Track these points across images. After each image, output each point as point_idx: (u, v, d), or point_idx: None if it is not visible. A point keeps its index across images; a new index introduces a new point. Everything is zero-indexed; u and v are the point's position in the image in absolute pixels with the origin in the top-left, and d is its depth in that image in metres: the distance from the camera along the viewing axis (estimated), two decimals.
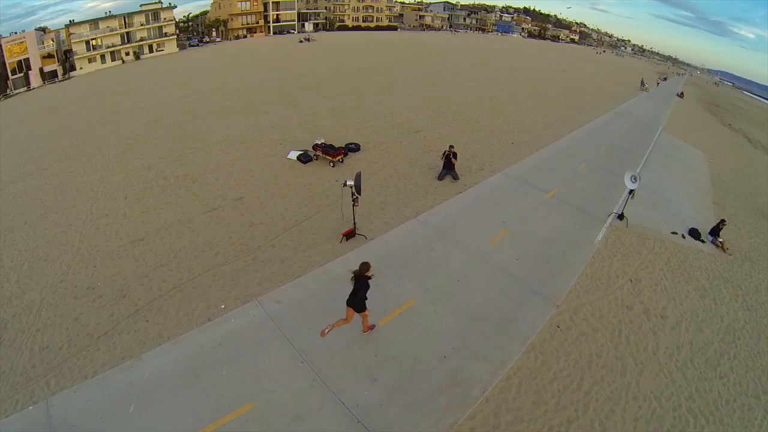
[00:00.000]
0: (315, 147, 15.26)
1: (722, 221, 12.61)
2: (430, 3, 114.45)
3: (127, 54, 53.53)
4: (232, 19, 66.77)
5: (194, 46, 62.53)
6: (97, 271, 9.00)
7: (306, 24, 75.51)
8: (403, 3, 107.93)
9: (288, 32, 71.60)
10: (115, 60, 52.29)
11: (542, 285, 9.39)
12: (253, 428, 5.76)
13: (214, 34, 67.54)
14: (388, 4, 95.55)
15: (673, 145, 24.34)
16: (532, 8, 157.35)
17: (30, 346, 7.21)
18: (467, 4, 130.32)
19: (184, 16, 73.43)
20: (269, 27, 70.29)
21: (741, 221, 14.96)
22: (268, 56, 43.47)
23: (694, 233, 12.53)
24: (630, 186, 11.27)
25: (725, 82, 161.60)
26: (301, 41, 55.08)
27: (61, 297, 8.30)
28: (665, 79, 68.36)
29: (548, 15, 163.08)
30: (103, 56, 51.50)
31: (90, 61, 50.39)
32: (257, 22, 69.24)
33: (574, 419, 6.53)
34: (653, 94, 45.82)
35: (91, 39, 50.19)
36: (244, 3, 66.12)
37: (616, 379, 7.29)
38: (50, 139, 17.39)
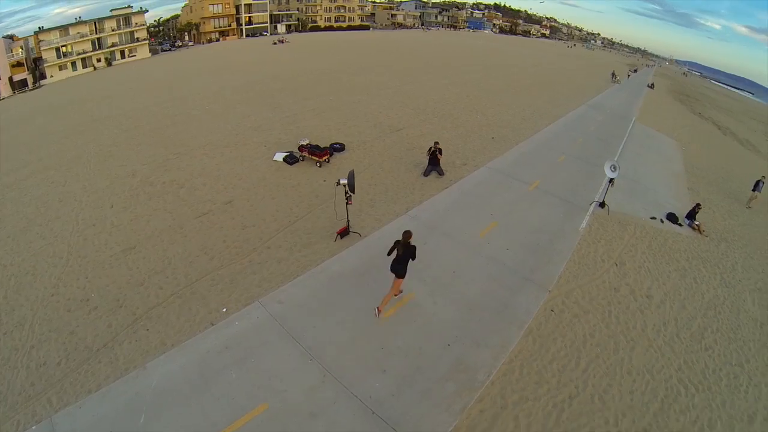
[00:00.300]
0: (301, 148, 15.15)
1: (698, 205, 13.29)
2: (402, 1, 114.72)
3: (99, 60, 51.28)
4: (204, 22, 65.02)
5: (167, 50, 60.54)
6: (90, 282, 8.67)
7: (278, 25, 74.29)
8: (374, 2, 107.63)
9: (260, 34, 70.28)
10: (86, 67, 49.97)
11: (533, 272, 9.70)
12: (269, 429, 5.72)
13: (186, 38, 65.58)
14: (360, 4, 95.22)
15: (646, 134, 25.30)
16: (502, 4, 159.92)
17: (26, 363, 6.89)
18: (438, 1, 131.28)
19: (154, 21, 70.95)
20: (242, 30, 68.82)
21: (715, 205, 15.74)
22: (243, 59, 42.60)
23: (672, 217, 13.14)
24: (610, 175, 11.76)
25: (693, 72, 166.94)
26: (275, 43, 54.22)
27: (54, 311, 7.95)
28: (635, 71, 70.29)
29: (519, 10, 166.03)
30: (74, 63, 49.12)
31: (61, 68, 47.97)
32: (229, 25, 67.67)
33: (575, 395, 6.83)
34: (625, 86, 47.27)
35: (62, 46, 47.78)
36: (215, 6, 64.47)
37: (610, 356, 7.65)
38: (26, 150, 16.50)
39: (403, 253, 7.58)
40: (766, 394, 7.30)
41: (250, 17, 69.88)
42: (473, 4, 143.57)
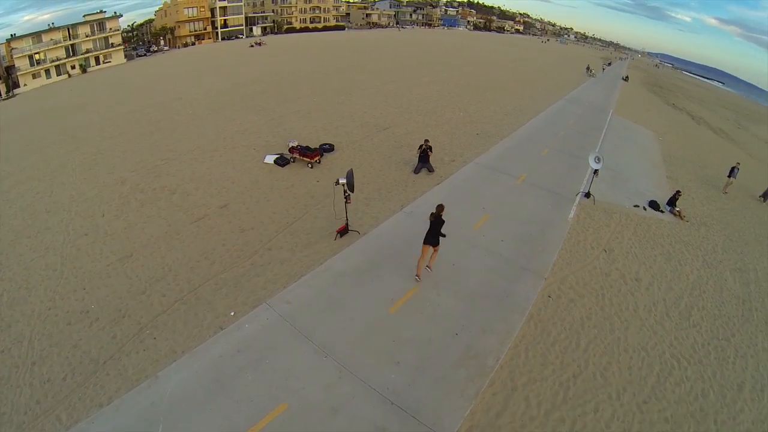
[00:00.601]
0: (291, 150, 15.02)
1: (678, 192, 13.91)
2: (376, 1, 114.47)
3: (74, 67, 48.91)
4: (179, 26, 63.09)
5: (142, 56, 58.37)
6: (88, 293, 8.35)
7: (254, 28, 72.83)
8: (348, 2, 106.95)
9: (236, 37, 68.76)
10: (60, 74, 47.53)
11: (529, 261, 10.00)
12: (292, 427, 5.72)
13: (162, 42, 63.46)
14: (335, 4, 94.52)
15: (624, 126, 26.07)
16: (476, 1, 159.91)
17: (29, 381, 6.58)
18: (413, 0, 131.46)
19: (128, 26, 68.18)
20: (217, 33, 67.20)
21: (693, 191, 16.41)
22: (221, 62, 41.64)
23: (654, 205, 13.73)
24: (594, 166, 12.22)
25: (665, 63, 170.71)
26: (252, 45, 53.19)
27: (53, 325, 7.62)
28: (609, 64, 71.68)
29: (492, 7, 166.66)
30: (48, 71, 46.65)
31: (34, 76, 45.47)
32: (205, 29, 65.94)
33: (578, 374, 7.13)
34: (600, 80, 48.27)
35: (35, 53, 45.32)
36: (190, 9, 62.65)
37: (607, 336, 8.01)
38: (6, 161, 15.59)
39: (434, 225, 8.45)
40: (752, 364, 7.82)
41: (225, 20, 68.30)
42: (447, 1, 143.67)
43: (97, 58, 52.02)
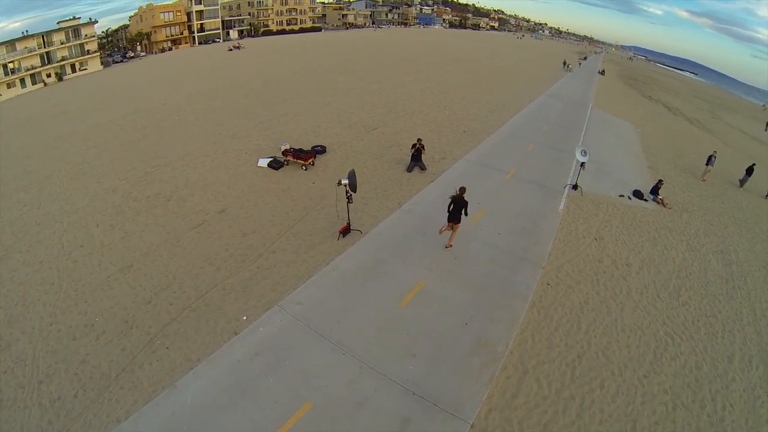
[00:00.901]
0: (285, 152, 14.86)
1: (660, 181, 14.49)
2: (352, 1, 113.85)
3: (49, 76, 46.26)
4: (155, 31, 60.91)
5: (118, 62, 55.98)
6: (90, 306, 8.06)
7: (231, 31, 71.15)
8: (324, 3, 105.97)
9: (213, 41, 66.99)
10: (36, 83, 44.87)
11: (526, 252, 10.31)
12: (319, 425, 5.74)
13: (138, 48, 61.13)
14: (311, 6, 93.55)
15: (603, 119, 26.73)
16: None
17: (37, 401, 6.30)
18: None
19: (102, 32, 65.33)
20: (194, 37, 65.29)
21: (673, 180, 17.04)
22: (201, 67, 40.52)
23: (638, 194, 14.29)
24: (581, 159, 12.66)
25: (639, 56, 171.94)
26: (230, 49, 51.91)
27: (57, 341, 7.32)
28: (585, 58, 72.81)
29: (466, 4, 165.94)
30: (22, 80, 44.05)
31: (9, 86, 42.82)
32: (181, 33, 63.92)
33: (582, 354, 7.46)
34: (577, 74, 49.06)
35: (9, 62, 42.78)
36: (167, 14, 60.60)
37: (605, 318, 8.38)
38: None
39: (457, 205, 9.33)
40: (739, 338, 8.36)
41: (202, 24, 66.40)
42: (421, 0, 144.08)
43: (73, 66, 49.53)
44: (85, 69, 50.42)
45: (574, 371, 7.13)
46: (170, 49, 61.46)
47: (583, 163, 12.75)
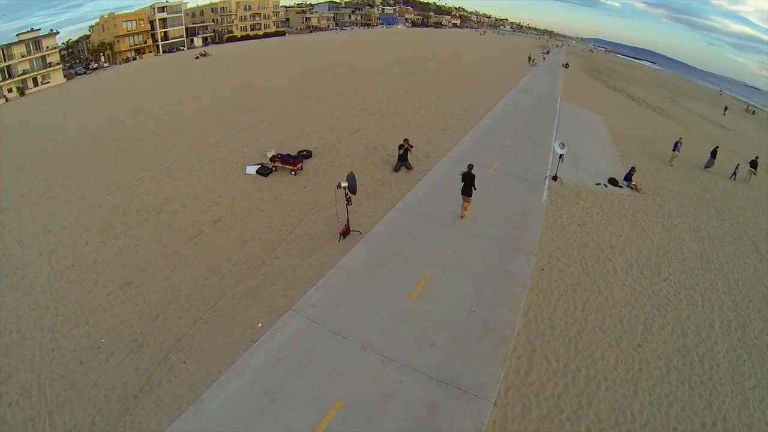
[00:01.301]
0: (273, 158, 14.60)
1: (633, 168, 15.29)
2: (315, 4, 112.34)
3: (10, 90, 42.64)
4: (118, 41, 57.45)
5: (81, 74, 52.35)
6: (94, 327, 7.60)
7: (195, 39, 68.34)
8: (287, 7, 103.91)
9: (177, 49, 64.02)
10: None
11: (518, 242, 10.73)
12: (354, 421, 5.79)
13: (102, 59, 57.43)
14: (274, 10, 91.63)
15: (573, 112, 27.52)
16: None
17: None
18: (350, 0, 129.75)
19: (62, 43, 60.86)
20: (158, 46, 62.22)
21: (643, 166, 17.80)
22: (169, 75, 38.73)
23: (613, 181, 15.06)
24: (560, 151, 13.28)
25: (599, 47, 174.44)
26: (197, 57, 49.89)
27: (62, 367, 6.86)
28: (548, 52, 74.01)
29: (428, 3, 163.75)
30: None
31: None
32: (145, 42, 60.76)
33: (582, 330, 7.94)
34: (542, 69, 49.89)
35: None
36: (129, 23, 57.37)
37: (597, 297, 8.91)
38: None
39: (467, 180, 10.87)
40: (717, 306, 9.16)
41: (165, 32, 63.36)
42: (383, 0, 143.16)
43: (35, 79, 45.96)
44: (48, 82, 46.98)
45: (576, 346, 7.56)
46: (134, 58, 58.30)
47: (561, 155, 13.38)
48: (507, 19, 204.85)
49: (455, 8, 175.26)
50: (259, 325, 7.54)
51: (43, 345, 7.30)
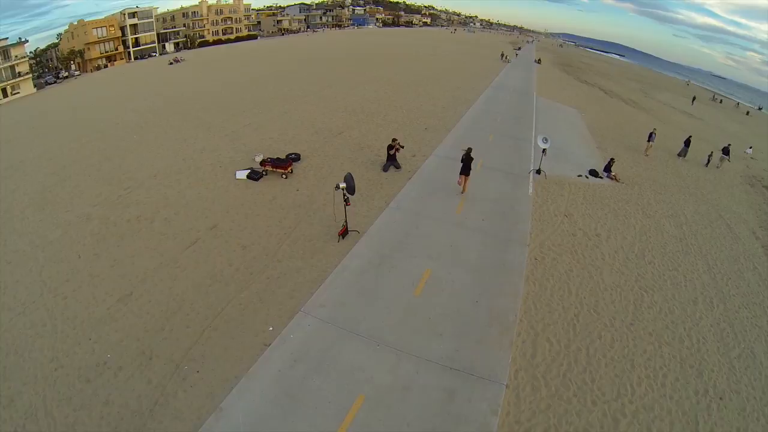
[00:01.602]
0: (263, 163, 14.34)
1: (612, 159, 15.89)
2: (286, 6, 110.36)
3: None
4: (88, 48, 54.34)
5: (51, 83, 49.23)
6: (97, 343, 7.26)
7: (166, 44, 65.77)
8: (258, 10, 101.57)
9: (149, 55, 61.31)
10: None
11: (510, 233, 11.04)
12: (377, 413, 5.85)
13: (72, 67, 54.21)
14: (246, 14, 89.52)
15: (549, 106, 28.01)
16: None
17: None
18: (321, 1, 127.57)
19: (30, 52, 57.00)
20: (129, 53, 59.39)
21: (621, 157, 18.36)
22: (143, 82, 37.02)
23: (594, 173, 15.64)
24: (542, 146, 13.71)
25: (569, 42, 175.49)
26: (171, 63, 47.99)
27: (68, 386, 6.50)
28: (519, 48, 74.04)
29: (398, 2, 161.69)
30: None
31: None
32: (116, 49, 57.85)
33: (578, 313, 8.32)
34: (516, 65, 50.25)
35: None
36: (100, 30, 54.40)
37: (589, 282, 9.33)
38: None
39: (466, 161, 12.37)
40: (699, 285, 9.78)
41: (137, 38, 60.57)
42: (353, 0, 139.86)
43: (4, 90, 42.93)
44: (18, 93, 44.00)
45: (575, 328, 7.91)
46: (106, 66, 55.36)
47: (544, 150, 13.82)
48: (477, 17, 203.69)
49: (425, 7, 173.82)
50: (270, 328, 7.43)
51: (45, 365, 6.90)
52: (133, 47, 59.89)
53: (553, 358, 7.16)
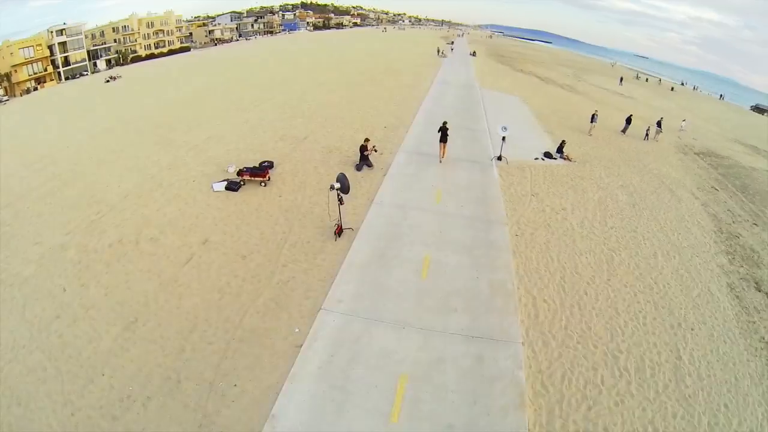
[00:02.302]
0: (240, 173, 13.67)
1: (563, 141, 17.15)
2: (216, 16, 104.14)
3: None
4: (15, 71, 46.56)
5: None
6: (113, 377, 6.51)
7: (98, 62, 58.66)
8: (189, 21, 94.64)
9: (81, 74, 54.12)
10: None
11: (489, 215, 11.75)
12: (423, 387, 6.14)
13: (1, 92, 45.90)
14: (177, 26, 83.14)
15: (494, 97, 28.54)
16: (309, 1, 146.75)
17: None
18: (252, 8, 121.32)
19: None
20: (59, 73, 52.00)
21: (569, 138, 18.83)
22: (85, 101, 32.24)
23: (548, 155, 16.83)
24: (502, 134, 14.65)
25: (497, 33, 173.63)
26: (107, 80, 42.82)
27: (93, 427, 5.80)
28: (452, 43, 72.46)
29: (326, 5, 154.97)
30: None
31: None
32: (45, 69, 50.33)
33: (564, 275, 9.28)
34: (452, 59, 49.73)
35: None
36: (26, 50, 46.80)
37: (567, 249, 10.33)
38: None
39: (444, 132, 14.82)
40: (656, 241, 11.19)
41: (66, 57, 53.14)
42: (281, 5, 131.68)
43: None
44: None
45: (564, 288, 8.78)
46: (35, 88, 47.67)
47: (504, 137, 14.79)
48: (405, 14, 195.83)
49: (353, 8, 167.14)
50: (296, 330, 7.28)
51: (58, 411, 6.06)
52: (63, 67, 52.60)
53: (553, 316, 7.89)
